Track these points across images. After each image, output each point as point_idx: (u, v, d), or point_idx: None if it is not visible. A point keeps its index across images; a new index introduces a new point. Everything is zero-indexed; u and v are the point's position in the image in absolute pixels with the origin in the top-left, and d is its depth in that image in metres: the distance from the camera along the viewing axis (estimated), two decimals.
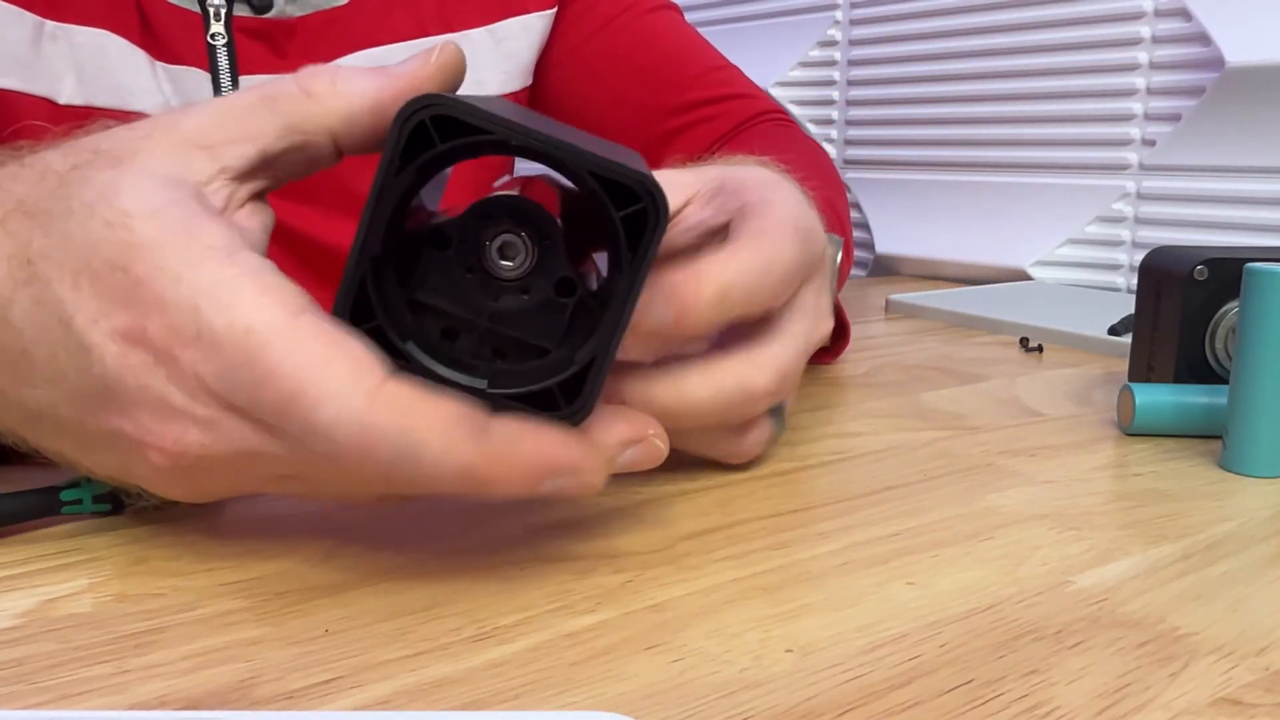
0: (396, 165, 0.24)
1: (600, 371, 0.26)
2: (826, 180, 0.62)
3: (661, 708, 0.21)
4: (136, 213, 0.25)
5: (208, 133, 0.27)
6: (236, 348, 0.24)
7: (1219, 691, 0.22)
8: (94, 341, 0.25)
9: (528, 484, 0.24)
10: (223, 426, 0.25)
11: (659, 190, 0.25)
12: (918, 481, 0.36)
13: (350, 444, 0.23)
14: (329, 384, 0.23)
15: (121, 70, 0.57)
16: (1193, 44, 0.79)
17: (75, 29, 0.57)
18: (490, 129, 0.24)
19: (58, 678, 0.22)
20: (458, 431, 0.24)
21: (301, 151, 0.28)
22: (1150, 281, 0.45)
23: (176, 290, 0.24)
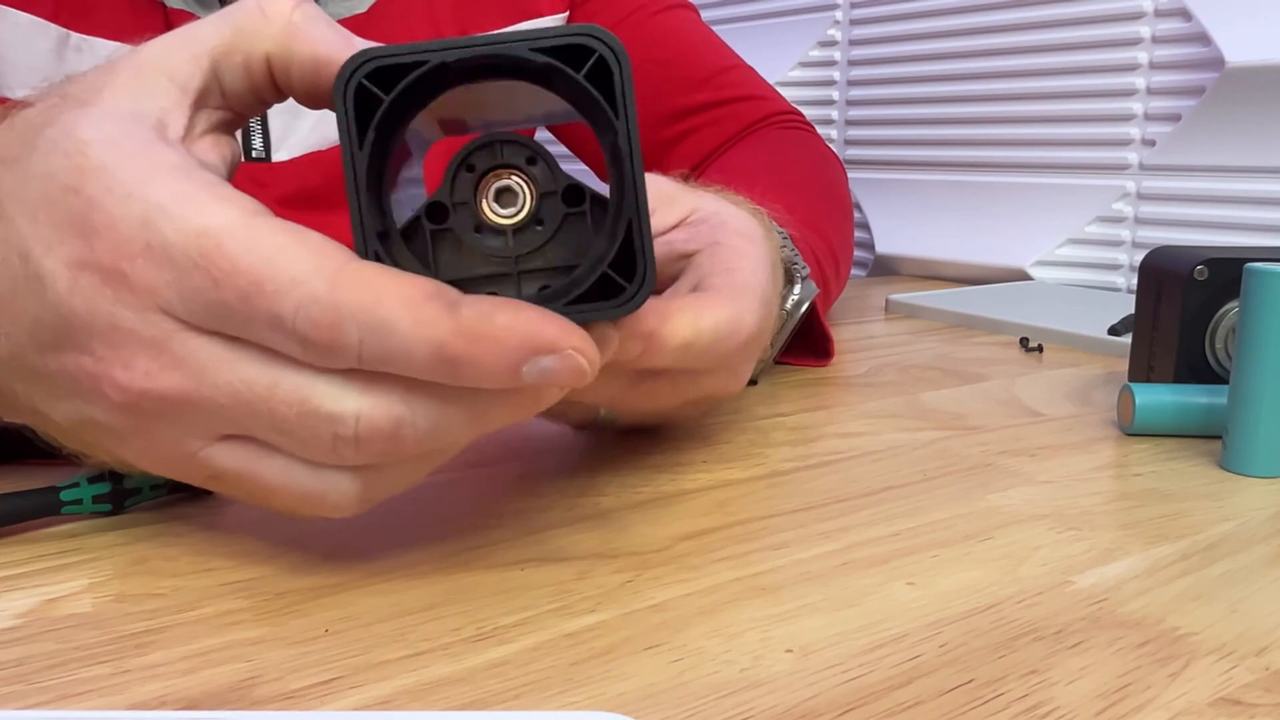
0: (354, 134, 0.24)
1: (643, 231, 0.24)
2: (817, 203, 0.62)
3: (661, 708, 0.21)
4: (93, 140, 0.25)
5: (167, 52, 0.27)
6: (190, 251, 0.23)
7: (1219, 691, 0.22)
8: (47, 270, 0.24)
9: (508, 363, 0.23)
10: (172, 348, 0.24)
11: (608, 34, 0.24)
12: (918, 481, 0.36)
13: (317, 329, 0.22)
14: (290, 271, 0.23)
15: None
16: (1193, 44, 0.79)
17: (100, 42, 0.57)
18: (424, 57, 0.24)
19: (58, 678, 0.22)
20: (428, 306, 0.22)
21: (245, 75, 0.27)
22: (1150, 281, 0.45)
23: (125, 207, 0.24)
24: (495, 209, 0.25)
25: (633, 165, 0.24)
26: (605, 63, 0.24)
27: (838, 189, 0.70)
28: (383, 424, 0.24)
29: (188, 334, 0.24)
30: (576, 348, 0.23)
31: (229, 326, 0.24)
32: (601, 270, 0.24)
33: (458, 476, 0.36)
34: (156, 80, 0.26)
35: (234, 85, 0.27)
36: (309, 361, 0.23)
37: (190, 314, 0.24)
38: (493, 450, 0.39)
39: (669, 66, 0.70)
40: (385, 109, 0.24)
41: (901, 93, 1.02)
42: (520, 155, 0.25)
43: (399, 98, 0.24)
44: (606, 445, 0.39)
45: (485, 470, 0.37)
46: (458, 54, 0.24)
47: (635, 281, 0.24)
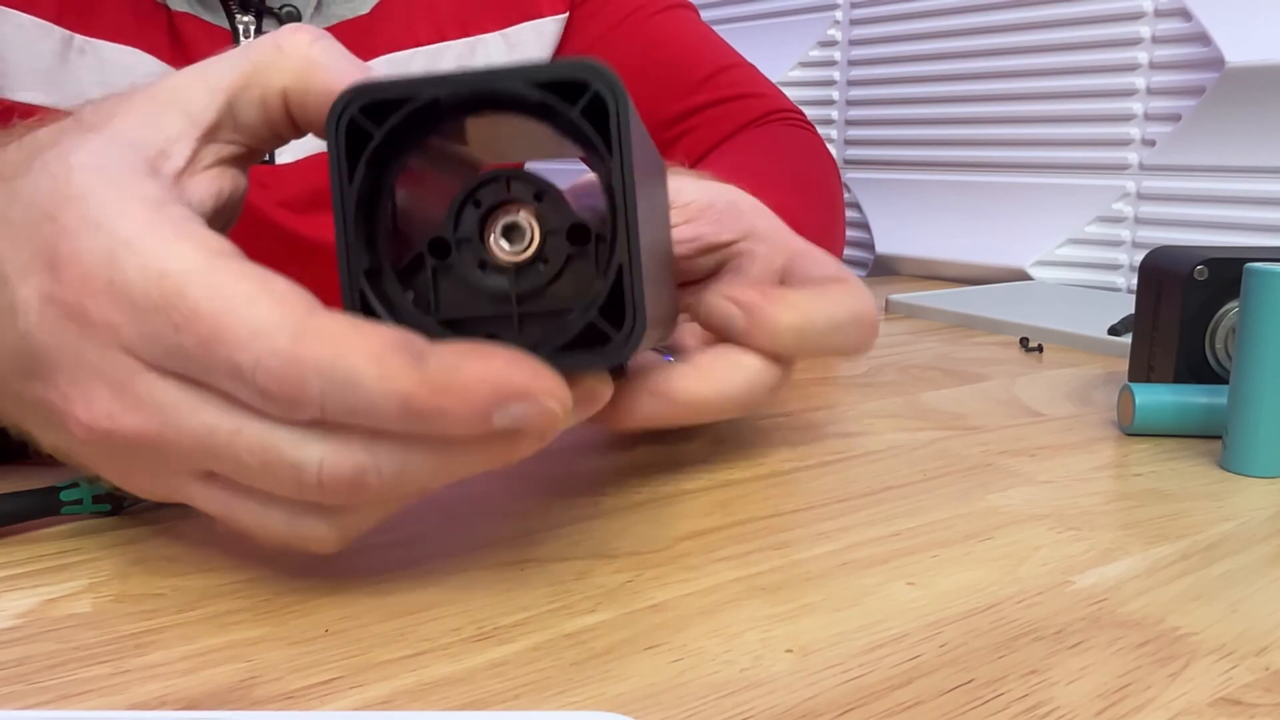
0: (345, 168, 0.23)
1: (634, 277, 0.23)
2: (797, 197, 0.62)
3: (661, 708, 0.21)
4: (79, 166, 0.24)
5: (184, 85, 0.27)
6: (150, 292, 0.22)
7: (1219, 691, 0.22)
8: (20, 299, 0.24)
9: (477, 413, 0.22)
10: (135, 389, 0.23)
11: (603, 68, 0.23)
12: (918, 481, 0.36)
13: (277, 382, 0.22)
14: (251, 321, 0.22)
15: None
16: (1193, 44, 0.79)
17: (104, 45, 0.57)
18: (416, 91, 0.23)
19: (58, 678, 0.22)
20: (393, 358, 0.22)
21: (262, 109, 0.27)
22: (1150, 281, 0.45)
23: (93, 239, 0.23)
24: (502, 246, 0.24)
25: (625, 207, 0.23)
26: (601, 98, 0.23)
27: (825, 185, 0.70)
28: (345, 471, 0.23)
29: (150, 375, 0.23)
30: (548, 392, 0.22)
31: (190, 371, 0.23)
32: (590, 318, 0.23)
33: None
34: (168, 111, 0.26)
35: (249, 119, 0.27)
36: (270, 413, 0.23)
37: (151, 355, 0.23)
38: None
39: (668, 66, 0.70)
40: (376, 144, 0.23)
41: (901, 93, 1.02)
42: (528, 190, 0.24)
43: (390, 133, 0.23)
44: (607, 445, 0.39)
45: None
46: (450, 88, 0.23)
47: (624, 330, 0.23)
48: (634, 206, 0.23)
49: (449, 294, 0.24)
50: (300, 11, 0.61)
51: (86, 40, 0.56)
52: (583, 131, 0.23)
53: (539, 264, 0.24)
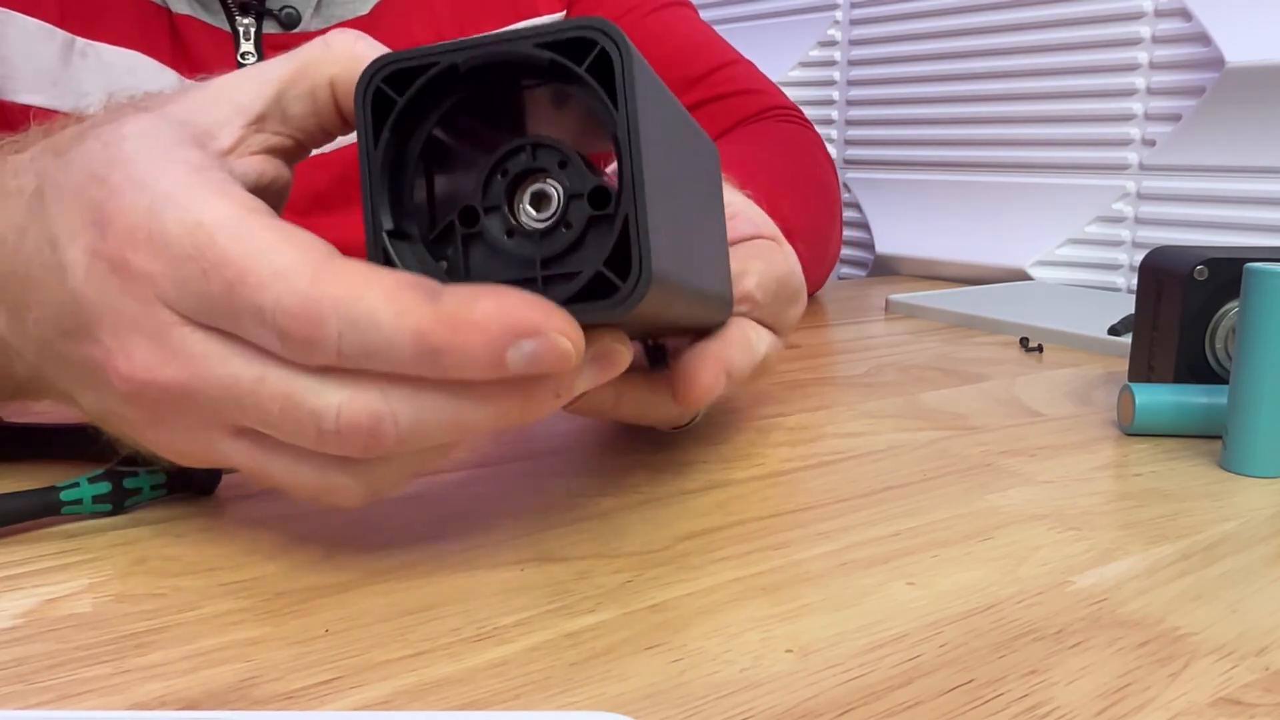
0: (370, 133, 0.25)
1: (640, 230, 0.23)
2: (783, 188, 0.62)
3: (661, 708, 0.21)
4: (129, 134, 0.26)
5: (235, 80, 0.28)
6: (185, 241, 0.24)
7: (1219, 691, 0.22)
8: (69, 258, 0.25)
9: (490, 349, 0.22)
10: (170, 341, 0.24)
11: (609, 25, 0.23)
12: (918, 481, 0.36)
13: (295, 321, 0.23)
14: (273, 265, 0.23)
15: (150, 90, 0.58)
16: (1193, 44, 0.79)
17: (105, 47, 0.57)
18: (435, 58, 0.24)
19: (58, 678, 0.22)
20: (408, 295, 0.22)
21: (310, 100, 0.28)
22: (1150, 281, 0.45)
23: (137, 195, 0.24)
24: (530, 213, 0.25)
25: (631, 158, 0.24)
26: (608, 55, 0.23)
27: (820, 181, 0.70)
28: (362, 417, 0.24)
29: (185, 327, 0.24)
30: (559, 330, 0.23)
31: (219, 320, 0.24)
32: (598, 268, 0.24)
33: (458, 476, 0.36)
34: (218, 100, 0.28)
35: (298, 111, 0.28)
36: (291, 357, 0.24)
37: (185, 306, 0.24)
38: (494, 451, 0.39)
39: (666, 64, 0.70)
40: (400, 110, 0.24)
41: (901, 93, 1.02)
42: (553, 158, 0.25)
43: (413, 99, 0.24)
44: (607, 445, 0.39)
45: (486, 470, 0.37)
46: (466, 54, 0.24)
47: (630, 279, 0.24)
48: (639, 154, 0.24)
49: (478, 260, 0.25)
50: (300, 13, 0.61)
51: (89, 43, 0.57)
52: (591, 88, 0.24)
53: (561, 228, 0.25)
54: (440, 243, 0.25)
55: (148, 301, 0.24)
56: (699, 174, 0.31)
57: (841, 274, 1.07)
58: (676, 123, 0.28)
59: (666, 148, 0.26)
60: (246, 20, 0.59)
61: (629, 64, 0.23)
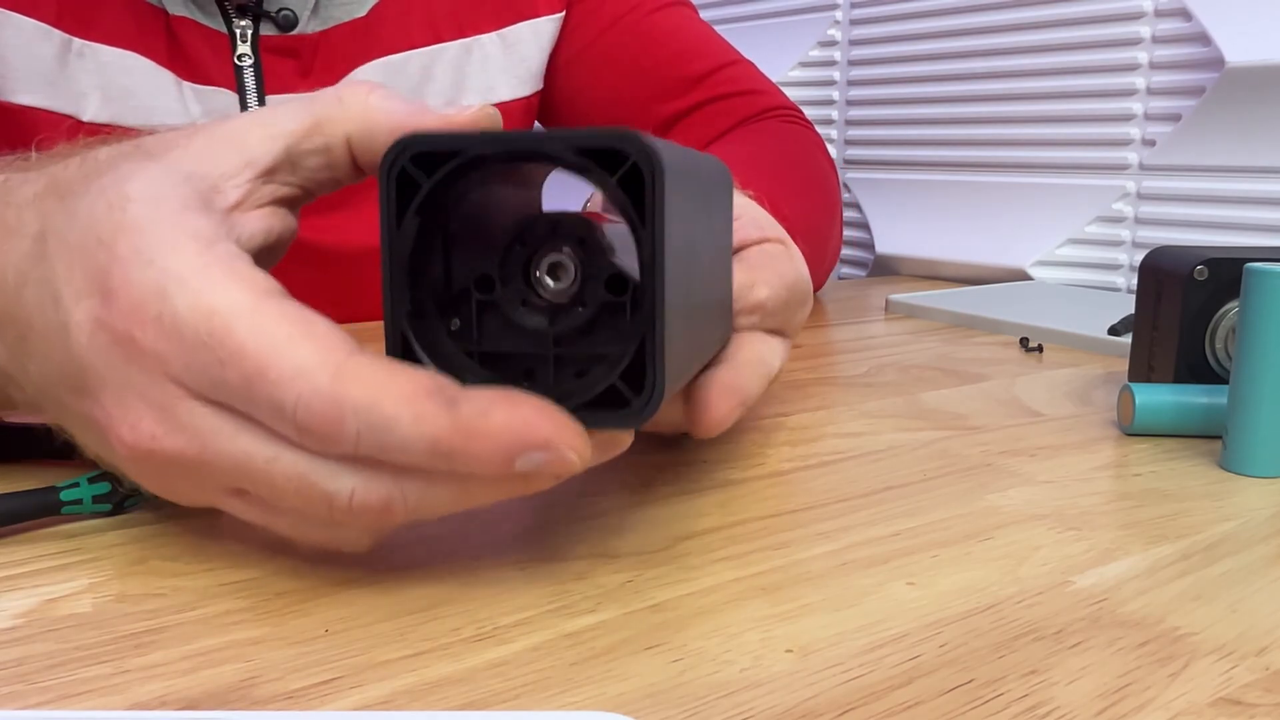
0: (395, 214, 0.24)
1: (656, 348, 0.24)
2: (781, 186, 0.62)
3: (661, 708, 0.21)
4: (136, 197, 0.25)
5: (245, 128, 0.28)
6: (200, 329, 0.24)
7: (1219, 691, 0.22)
8: (73, 321, 0.25)
9: (501, 457, 0.23)
10: (178, 415, 0.24)
11: (643, 141, 0.23)
12: (918, 481, 0.36)
13: (317, 420, 0.23)
14: (294, 361, 0.23)
15: (147, 91, 0.58)
16: (1193, 44, 0.79)
17: (102, 48, 0.57)
18: (464, 146, 0.24)
19: (58, 678, 0.22)
20: (428, 402, 0.23)
21: (324, 155, 0.28)
22: (1150, 281, 0.45)
23: (144, 273, 0.24)
24: (546, 284, 0.25)
25: (654, 279, 0.24)
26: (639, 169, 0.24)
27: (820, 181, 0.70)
28: (374, 501, 0.24)
29: (193, 403, 0.24)
30: (569, 445, 0.23)
31: (233, 402, 0.24)
32: (612, 380, 0.24)
33: None
34: (226, 149, 0.28)
35: (310, 165, 0.28)
36: (307, 447, 0.24)
37: (195, 385, 0.24)
38: None
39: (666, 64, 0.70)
40: (425, 194, 0.24)
41: (901, 93, 1.02)
42: (574, 233, 0.25)
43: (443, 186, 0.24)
44: None
45: None
46: (496, 147, 0.24)
47: (643, 396, 0.24)
48: (662, 281, 0.24)
49: (491, 328, 0.25)
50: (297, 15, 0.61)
51: (85, 44, 0.57)
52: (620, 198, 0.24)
53: (577, 307, 0.25)
54: (454, 303, 0.26)
55: (154, 375, 0.24)
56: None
57: (841, 274, 1.07)
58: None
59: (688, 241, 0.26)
60: (244, 22, 0.59)
61: (661, 184, 0.23)
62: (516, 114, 0.69)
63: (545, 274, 0.25)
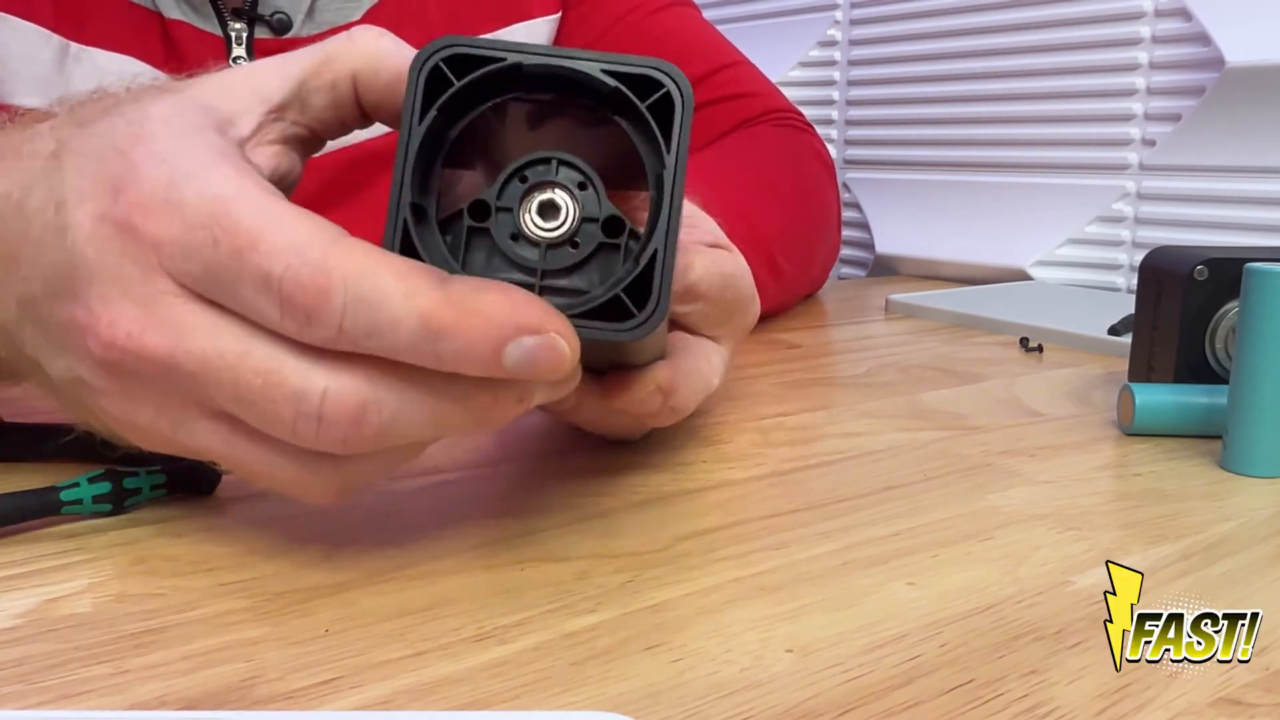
0: (419, 107, 0.25)
1: (665, 267, 0.25)
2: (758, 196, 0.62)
3: (661, 708, 0.21)
4: (154, 114, 0.26)
5: (258, 69, 0.29)
6: (201, 209, 0.24)
7: (1219, 691, 0.22)
8: (74, 220, 0.25)
9: (492, 338, 0.22)
10: (158, 310, 0.24)
11: (677, 72, 0.25)
12: (918, 481, 0.36)
13: (303, 290, 0.23)
14: (287, 235, 0.23)
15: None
16: (1193, 44, 0.79)
17: (98, 52, 0.57)
18: (501, 55, 0.25)
19: (58, 678, 0.22)
20: (418, 277, 0.23)
21: (331, 92, 0.29)
22: (1150, 281, 0.45)
23: (157, 169, 0.25)
24: (536, 220, 0.26)
25: (671, 201, 0.25)
26: (669, 98, 0.25)
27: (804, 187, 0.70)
28: (348, 403, 0.24)
29: (177, 298, 0.25)
30: (559, 332, 0.23)
31: (219, 289, 0.24)
32: (616, 291, 0.25)
33: (458, 476, 0.36)
34: (241, 87, 0.28)
35: (318, 103, 0.29)
36: (286, 332, 0.24)
37: (185, 274, 0.24)
38: (493, 450, 0.39)
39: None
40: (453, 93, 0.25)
41: (901, 93, 1.02)
42: (573, 178, 0.26)
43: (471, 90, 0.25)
44: (607, 446, 0.39)
45: (485, 470, 0.37)
46: (535, 59, 0.25)
47: (646, 309, 0.25)
48: (679, 204, 0.25)
49: (477, 255, 0.26)
50: (291, 18, 0.61)
51: (82, 48, 0.57)
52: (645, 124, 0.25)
53: (568, 246, 0.26)
54: (443, 227, 0.26)
55: (146, 267, 0.24)
56: None
57: (841, 274, 1.07)
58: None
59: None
60: (239, 25, 0.60)
61: (689, 114, 0.24)
62: None
63: (535, 212, 0.26)
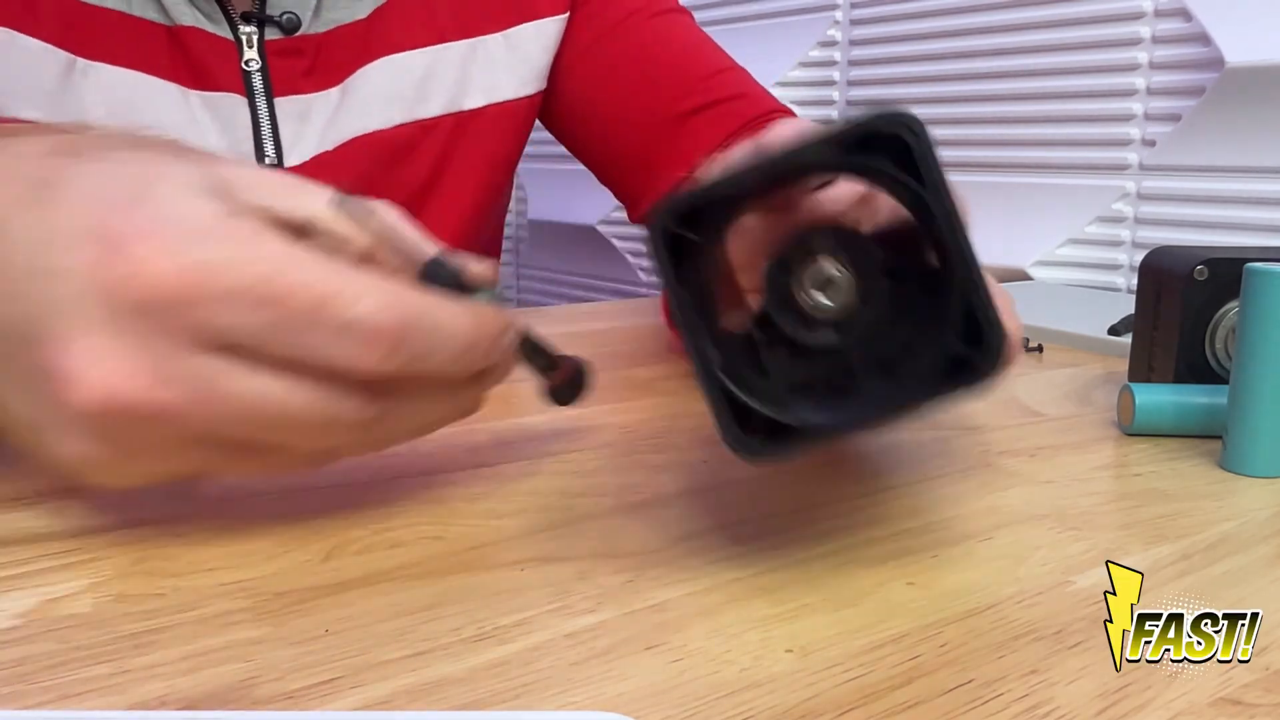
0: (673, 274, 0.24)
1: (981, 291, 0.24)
2: None
3: (661, 708, 0.21)
4: (161, 169, 0.26)
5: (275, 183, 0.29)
6: (234, 276, 0.24)
7: (1219, 691, 0.22)
8: (62, 266, 0.25)
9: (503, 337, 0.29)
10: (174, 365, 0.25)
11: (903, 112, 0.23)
12: (918, 481, 0.36)
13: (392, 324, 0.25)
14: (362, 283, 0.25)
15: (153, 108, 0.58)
16: (1193, 44, 0.79)
17: (105, 67, 0.58)
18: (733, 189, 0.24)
19: (58, 678, 0.22)
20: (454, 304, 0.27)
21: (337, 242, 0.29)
22: (1150, 281, 0.45)
23: (164, 227, 0.25)
24: (819, 299, 0.25)
25: (954, 233, 0.24)
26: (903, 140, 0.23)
27: None
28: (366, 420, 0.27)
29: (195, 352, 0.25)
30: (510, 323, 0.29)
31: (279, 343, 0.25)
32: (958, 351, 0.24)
33: (458, 476, 0.36)
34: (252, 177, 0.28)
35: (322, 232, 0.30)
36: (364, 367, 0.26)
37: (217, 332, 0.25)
38: (493, 451, 0.39)
39: (668, 68, 0.71)
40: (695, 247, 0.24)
41: (902, 93, 1.02)
42: (829, 241, 0.25)
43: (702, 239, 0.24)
44: (606, 446, 0.39)
45: (486, 470, 0.37)
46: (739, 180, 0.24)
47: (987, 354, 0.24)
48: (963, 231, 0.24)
49: (779, 363, 0.25)
50: (300, 17, 0.61)
51: (89, 64, 0.57)
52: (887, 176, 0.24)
53: (863, 308, 0.25)
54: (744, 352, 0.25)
55: (158, 324, 0.24)
56: None
57: None
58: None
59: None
60: (249, 28, 0.60)
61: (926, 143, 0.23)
62: (520, 113, 0.69)
63: (815, 290, 0.25)
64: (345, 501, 0.33)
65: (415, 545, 0.30)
